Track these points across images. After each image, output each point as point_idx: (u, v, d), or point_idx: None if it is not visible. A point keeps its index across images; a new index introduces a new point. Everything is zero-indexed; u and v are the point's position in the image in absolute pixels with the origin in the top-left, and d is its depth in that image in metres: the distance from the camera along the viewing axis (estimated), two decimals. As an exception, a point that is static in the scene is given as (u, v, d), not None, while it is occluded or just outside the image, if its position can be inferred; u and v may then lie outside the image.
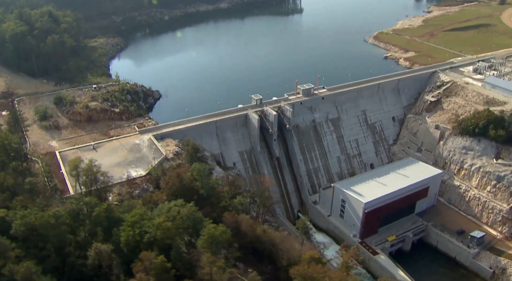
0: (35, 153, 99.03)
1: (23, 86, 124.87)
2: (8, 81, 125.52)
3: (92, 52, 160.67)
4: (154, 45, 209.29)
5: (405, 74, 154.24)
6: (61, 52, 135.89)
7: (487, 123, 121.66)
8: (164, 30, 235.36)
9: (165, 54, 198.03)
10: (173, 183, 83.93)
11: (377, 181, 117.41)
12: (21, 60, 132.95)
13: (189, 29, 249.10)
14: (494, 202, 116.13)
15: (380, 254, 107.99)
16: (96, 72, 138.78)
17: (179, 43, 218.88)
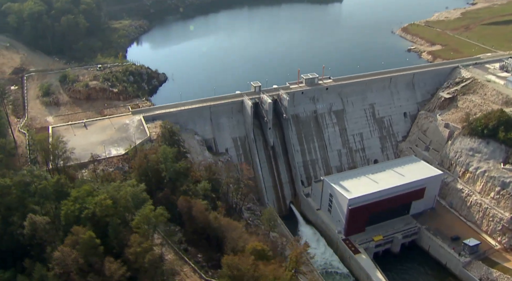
0: (30, 127, 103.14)
1: (37, 63, 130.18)
2: (24, 58, 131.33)
3: (112, 34, 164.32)
4: (178, 29, 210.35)
5: (422, 68, 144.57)
6: (75, 32, 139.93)
7: (498, 124, 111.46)
8: (194, 14, 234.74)
9: (185, 38, 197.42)
10: (140, 164, 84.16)
11: (370, 177, 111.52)
12: (38, 39, 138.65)
13: (221, 14, 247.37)
14: (496, 210, 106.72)
15: (362, 254, 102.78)
16: (110, 53, 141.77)
17: (203, 28, 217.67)
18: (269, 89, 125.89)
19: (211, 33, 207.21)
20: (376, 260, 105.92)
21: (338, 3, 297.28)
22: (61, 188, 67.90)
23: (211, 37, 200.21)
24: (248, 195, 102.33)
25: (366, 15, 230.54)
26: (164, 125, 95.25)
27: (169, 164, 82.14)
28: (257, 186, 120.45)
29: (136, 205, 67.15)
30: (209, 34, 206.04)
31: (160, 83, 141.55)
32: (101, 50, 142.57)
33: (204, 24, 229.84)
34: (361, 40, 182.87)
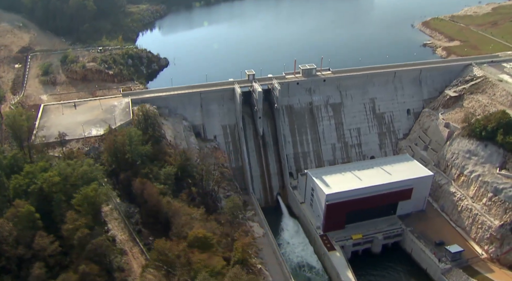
0: (23, 103, 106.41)
1: (44, 43, 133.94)
2: (33, 38, 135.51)
3: (125, 17, 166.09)
4: (194, 16, 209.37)
5: (432, 64, 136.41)
6: (83, 14, 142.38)
7: (498, 126, 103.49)
8: (219, 1, 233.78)
9: (198, 25, 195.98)
10: (109, 145, 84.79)
11: (355, 173, 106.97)
12: (48, 19, 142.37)
13: (247, 2, 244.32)
14: (486, 217, 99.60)
15: (336, 251, 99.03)
16: (117, 37, 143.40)
17: (225, 16, 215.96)
18: (263, 78, 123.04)
19: (227, 21, 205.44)
20: (354, 259, 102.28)
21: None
22: (16, 163, 69.33)
23: (225, 25, 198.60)
24: (221, 182, 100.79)
25: (393, 8, 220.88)
26: (141, 108, 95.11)
27: (133, 146, 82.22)
28: (243, 175, 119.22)
29: (85, 183, 67.48)
30: (225, 21, 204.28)
31: (161, 67, 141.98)
32: (110, 33, 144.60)
33: (228, 12, 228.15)
34: (376, 33, 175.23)
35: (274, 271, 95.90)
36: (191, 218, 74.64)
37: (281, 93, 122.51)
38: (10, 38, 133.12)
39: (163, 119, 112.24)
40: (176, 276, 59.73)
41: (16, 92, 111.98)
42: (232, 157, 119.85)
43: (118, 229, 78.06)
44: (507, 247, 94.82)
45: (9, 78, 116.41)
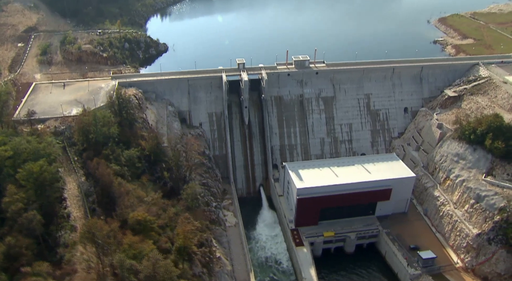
0: (16, 81, 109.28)
1: (50, 24, 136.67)
2: (41, 19, 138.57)
3: (136, 2, 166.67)
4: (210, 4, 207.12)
5: (435, 61, 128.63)
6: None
7: (488, 130, 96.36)
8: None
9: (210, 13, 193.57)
10: (78, 125, 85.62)
11: (333, 169, 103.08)
12: (57, 0, 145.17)
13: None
14: (465, 224, 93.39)
15: (304, 247, 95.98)
16: (124, 21, 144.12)
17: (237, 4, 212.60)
18: (253, 67, 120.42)
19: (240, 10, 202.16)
20: (326, 257, 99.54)
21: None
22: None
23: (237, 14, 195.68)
24: (195, 169, 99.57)
25: (416, 2, 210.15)
26: (116, 91, 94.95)
27: (98, 127, 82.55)
28: (226, 164, 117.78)
29: (35, 159, 68.21)
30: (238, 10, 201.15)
31: (159, 53, 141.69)
32: (116, 17, 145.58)
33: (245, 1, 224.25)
34: (386, 27, 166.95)
35: (238, 262, 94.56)
36: (141, 201, 74.21)
37: (270, 83, 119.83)
38: (19, 17, 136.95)
39: (148, 104, 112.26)
40: (105, 255, 59.64)
41: (13, 70, 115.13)
42: (216, 145, 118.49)
43: (75, 207, 78.57)
44: (483, 257, 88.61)
45: (10, 56, 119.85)
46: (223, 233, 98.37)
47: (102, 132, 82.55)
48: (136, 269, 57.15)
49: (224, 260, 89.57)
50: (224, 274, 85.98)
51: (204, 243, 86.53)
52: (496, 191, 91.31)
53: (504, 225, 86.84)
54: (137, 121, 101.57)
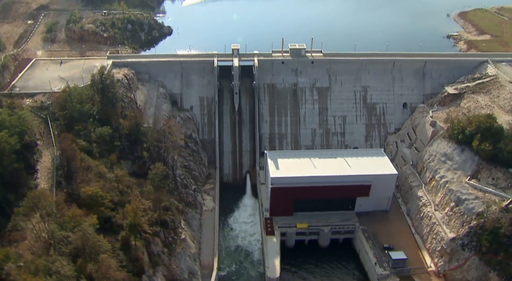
0: (18, 56, 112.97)
1: (61, 2, 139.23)
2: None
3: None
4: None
5: (440, 56, 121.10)
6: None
7: (476, 131, 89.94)
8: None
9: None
10: (57, 101, 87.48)
11: (313, 161, 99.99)
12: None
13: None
14: (442, 228, 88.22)
15: (274, 237, 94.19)
16: (134, 2, 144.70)
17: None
18: (248, 53, 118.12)
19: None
20: (299, 249, 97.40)
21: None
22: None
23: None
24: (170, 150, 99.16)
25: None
26: (99, 70, 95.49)
27: (74, 104, 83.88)
28: (213, 149, 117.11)
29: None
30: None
31: (163, 35, 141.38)
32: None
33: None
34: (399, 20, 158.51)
35: (207, 246, 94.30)
36: (101, 177, 75.02)
37: (264, 71, 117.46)
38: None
39: (140, 84, 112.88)
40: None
41: (17, 46, 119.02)
42: (205, 130, 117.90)
43: (44, 179, 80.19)
44: (456, 263, 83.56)
45: (18, 32, 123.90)
46: (196, 216, 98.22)
47: (76, 108, 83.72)
48: (68, 240, 58.00)
49: (189, 243, 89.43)
50: (186, 255, 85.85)
51: (168, 223, 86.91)
52: (477, 195, 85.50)
53: (479, 231, 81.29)
54: (123, 101, 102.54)
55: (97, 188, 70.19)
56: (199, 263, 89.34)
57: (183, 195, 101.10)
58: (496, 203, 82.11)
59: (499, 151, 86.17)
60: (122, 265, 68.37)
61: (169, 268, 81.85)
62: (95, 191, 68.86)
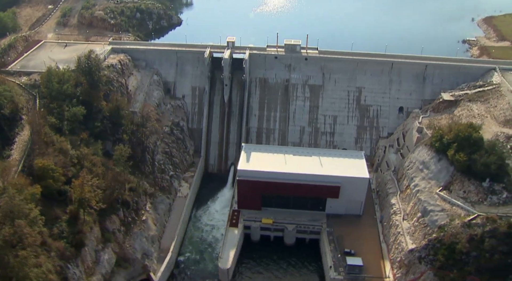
0: (29, 37, 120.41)
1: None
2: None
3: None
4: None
5: (444, 60, 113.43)
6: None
7: (454, 140, 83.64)
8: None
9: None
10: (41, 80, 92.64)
11: (287, 157, 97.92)
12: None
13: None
14: (404, 238, 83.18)
15: (236, 229, 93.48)
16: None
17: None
18: (242, 46, 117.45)
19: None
20: (264, 244, 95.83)
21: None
22: None
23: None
24: (148, 135, 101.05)
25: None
26: (87, 54, 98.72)
27: (53, 83, 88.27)
28: (200, 138, 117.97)
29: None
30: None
31: (172, 25, 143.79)
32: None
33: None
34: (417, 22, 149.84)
35: (171, 230, 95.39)
36: (62, 153, 78.31)
37: (256, 65, 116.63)
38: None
39: (135, 71, 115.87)
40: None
41: (32, 28, 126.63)
42: (195, 119, 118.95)
43: (19, 150, 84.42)
44: (412, 276, 78.46)
45: (37, 16, 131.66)
46: (165, 201, 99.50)
47: (55, 87, 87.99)
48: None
49: (150, 225, 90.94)
50: (143, 237, 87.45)
51: (130, 203, 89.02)
52: (443, 208, 79.70)
53: (437, 245, 75.73)
54: (112, 85, 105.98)
55: (50, 162, 73.51)
56: (158, 245, 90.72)
57: (158, 180, 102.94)
58: (460, 217, 76.26)
59: (473, 163, 79.68)
60: (63, 236, 72.10)
61: (122, 246, 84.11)
62: (46, 164, 72.10)
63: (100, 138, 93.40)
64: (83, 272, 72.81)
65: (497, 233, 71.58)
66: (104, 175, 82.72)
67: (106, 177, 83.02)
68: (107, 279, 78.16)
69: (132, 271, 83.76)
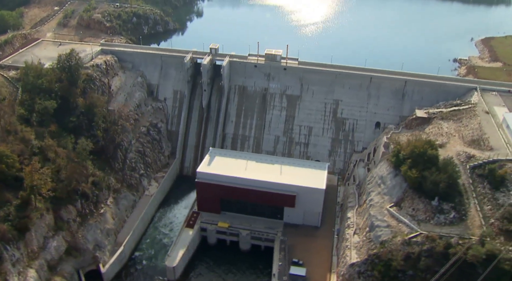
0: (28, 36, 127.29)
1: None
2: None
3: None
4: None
5: (423, 77, 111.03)
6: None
7: (409, 155, 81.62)
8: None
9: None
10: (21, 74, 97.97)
11: (250, 163, 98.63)
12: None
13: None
14: (350, 252, 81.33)
15: (191, 230, 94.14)
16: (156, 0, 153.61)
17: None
18: (224, 54, 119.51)
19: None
20: (220, 247, 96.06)
21: (503, 6, 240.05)
22: None
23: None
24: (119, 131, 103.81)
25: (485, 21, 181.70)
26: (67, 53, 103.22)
27: (28, 77, 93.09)
28: (177, 140, 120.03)
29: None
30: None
31: (167, 31, 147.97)
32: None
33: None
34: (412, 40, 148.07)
35: (130, 225, 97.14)
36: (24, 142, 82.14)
37: (236, 72, 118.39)
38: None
39: (121, 72, 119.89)
40: None
41: (35, 27, 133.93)
42: (174, 121, 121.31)
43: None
44: (351, 291, 76.71)
45: (41, 16, 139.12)
46: (129, 197, 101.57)
47: (30, 81, 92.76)
48: None
49: (108, 218, 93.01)
50: (98, 229, 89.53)
51: (90, 196, 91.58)
52: (389, 224, 77.53)
53: (376, 260, 73.71)
54: (94, 83, 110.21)
55: (6, 149, 77.35)
56: (114, 239, 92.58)
57: (126, 177, 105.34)
58: (402, 234, 74.05)
59: (423, 180, 77.48)
60: (9, 219, 75.18)
61: (74, 235, 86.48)
62: (1, 150, 76.01)
63: (75, 133, 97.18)
64: (25, 255, 75.44)
65: (433, 252, 69.21)
66: (66, 167, 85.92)
67: (66, 168, 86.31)
68: (53, 265, 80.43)
69: (82, 260, 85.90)
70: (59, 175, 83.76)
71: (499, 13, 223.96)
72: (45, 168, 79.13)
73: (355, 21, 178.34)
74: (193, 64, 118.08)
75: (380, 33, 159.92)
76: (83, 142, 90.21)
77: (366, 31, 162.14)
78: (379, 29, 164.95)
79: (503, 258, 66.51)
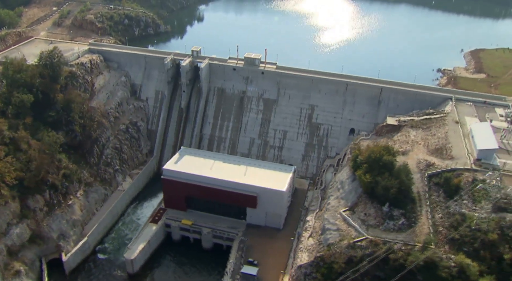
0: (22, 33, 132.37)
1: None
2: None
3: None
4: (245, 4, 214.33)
5: (398, 85, 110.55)
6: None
7: (366, 160, 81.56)
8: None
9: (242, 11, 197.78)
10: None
11: (215, 163, 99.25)
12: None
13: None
14: (301, 254, 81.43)
15: (155, 225, 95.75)
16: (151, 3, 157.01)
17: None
18: (204, 56, 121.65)
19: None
20: (183, 244, 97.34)
21: (510, 19, 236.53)
22: None
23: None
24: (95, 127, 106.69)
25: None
26: (50, 50, 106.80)
27: (8, 72, 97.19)
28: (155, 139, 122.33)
29: None
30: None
31: (158, 33, 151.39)
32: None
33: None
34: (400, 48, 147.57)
35: (97, 218, 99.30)
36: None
37: (216, 75, 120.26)
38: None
39: (106, 71, 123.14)
40: None
41: (30, 26, 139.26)
42: (154, 121, 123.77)
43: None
44: (297, 293, 76.85)
45: (39, 15, 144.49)
46: (100, 191, 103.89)
47: (9, 76, 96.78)
48: None
49: (76, 210, 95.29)
50: (63, 219, 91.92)
51: (58, 187, 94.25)
52: (339, 227, 77.55)
53: (321, 263, 73.85)
54: (77, 81, 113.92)
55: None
56: (80, 230, 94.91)
57: (101, 171, 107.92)
58: (349, 238, 74.03)
59: (376, 185, 77.36)
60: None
61: (39, 224, 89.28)
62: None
63: (54, 128, 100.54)
64: (-16, 240, 78.58)
65: (375, 257, 69.05)
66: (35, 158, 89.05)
67: (36, 159, 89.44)
68: (14, 251, 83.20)
69: (45, 248, 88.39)
70: (29, 165, 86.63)
71: (504, 26, 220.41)
72: (10, 157, 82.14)
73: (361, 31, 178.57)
74: (174, 65, 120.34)
75: (373, 41, 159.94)
76: (54, 135, 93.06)
77: (357, 39, 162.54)
78: (374, 38, 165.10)
79: (442, 265, 66.09)
